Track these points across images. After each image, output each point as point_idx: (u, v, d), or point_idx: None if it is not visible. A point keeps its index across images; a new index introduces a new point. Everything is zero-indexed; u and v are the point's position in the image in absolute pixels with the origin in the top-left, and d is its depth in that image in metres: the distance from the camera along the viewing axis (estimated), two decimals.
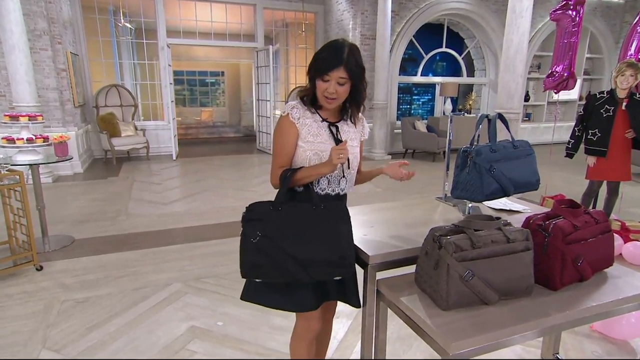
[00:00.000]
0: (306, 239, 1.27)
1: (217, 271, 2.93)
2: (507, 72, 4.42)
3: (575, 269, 1.31)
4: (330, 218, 1.30)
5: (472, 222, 1.26)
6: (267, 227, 1.28)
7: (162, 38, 7.57)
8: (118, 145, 6.90)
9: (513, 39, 4.31)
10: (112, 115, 7.12)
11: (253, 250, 1.28)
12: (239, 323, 2.28)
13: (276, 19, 8.78)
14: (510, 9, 4.30)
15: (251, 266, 1.29)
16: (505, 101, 4.48)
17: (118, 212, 4.31)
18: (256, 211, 1.31)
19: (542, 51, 9.18)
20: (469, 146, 1.71)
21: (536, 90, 9.54)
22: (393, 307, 1.37)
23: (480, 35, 8.77)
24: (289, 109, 1.40)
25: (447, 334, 1.11)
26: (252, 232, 1.28)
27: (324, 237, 1.27)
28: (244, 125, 13.08)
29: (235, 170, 6.65)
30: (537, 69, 9.39)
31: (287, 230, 1.27)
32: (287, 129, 1.40)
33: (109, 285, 2.71)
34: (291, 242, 1.26)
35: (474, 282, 1.20)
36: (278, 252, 1.26)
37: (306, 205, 1.32)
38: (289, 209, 1.31)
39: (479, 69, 9.32)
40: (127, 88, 7.73)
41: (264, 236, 1.27)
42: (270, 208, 1.30)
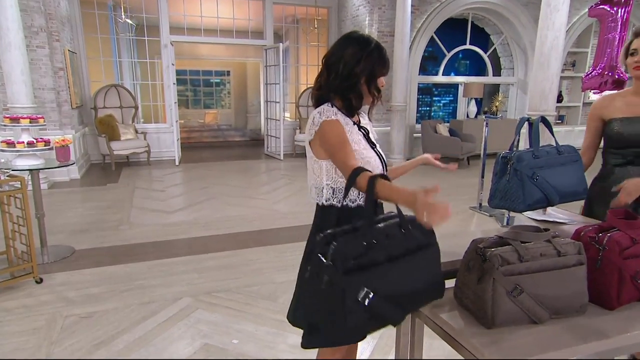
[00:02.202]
0: (408, 272, 1.15)
1: (229, 285, 2.95)
2: (541, 71, 4.41)
3: (635, 286, 1.30)
4: (421, 241, 1.19)
5: (520, 234, 1.27)
6: (377, 281, 1.08)
7: (165, 35, 7.72)
8: (117, 150, 7.01)
9: (548, 35, 4.31)
10: (111, 118, 7.25)
11: (360, 311, 1.06)
12: (255, 341, 2.29)
13: (286, 14, 8.89)
14: (544, 3, 4.31)
15: (354, 331, 1.11)
16: (538, 102, 4.47)
17: (120, 221, 4.37)
18: (351, 255, 1.07)
19: (577, 47, 9.14)
20: (508, 151, 1.72)
21: (570, 90, 9.48)
22: (430, 324, 1.37)
23: (508, 31, 8.77)
24: (332, 115, 1.36)
25: (497, 354, 1.11)
26: (356, 288, 1.05)
27: (422, 266, 1.19)
28: (251, 128, 13.21)
29: (243, 176, 6.71)
30: (571, 66, 9.33)
31: (394, 279, 1.11)
32: (341, 128, 1.35)
33: (114, 300, 2.75)
34: (397, 288, 1.12)
35: (523, 298, 1.20)
36: (388, 306, 1.10)
37: (396, 231, 1.16)
38: (385, 240, 1.13)
39: (506, 67, 9.30)
40: (127, 88, 7.87)
41: (375, 294, 1.07)
42: (364, 244, 1.10)
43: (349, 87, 1.37)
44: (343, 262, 1.05)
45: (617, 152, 1.87)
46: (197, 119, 14.45)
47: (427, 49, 8.50)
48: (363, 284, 1.06)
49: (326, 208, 1.45)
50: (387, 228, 1.16)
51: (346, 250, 1.07)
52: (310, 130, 1.40)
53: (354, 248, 1.09)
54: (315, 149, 1.43)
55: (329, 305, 1.08)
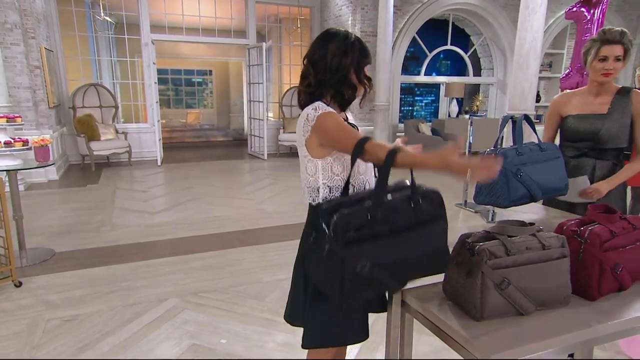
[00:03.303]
0: (411, 246, 1.17)
1: (215, 285, 2.93)
2: (520, 71, 4.52)
3: (615, 277, 1.35)
4: (430, 214, 1.21)
5: (506, 228, 1.30)
6: (377, 252, 1.12)
7: (145, 33, 7.60)
8: (97, 150, 6.87)
9: (526, 37, 4.42)
10: (91, 117, 7.10)
11: (357, 280, 1.11)
12: (243, 340, 2.28)
13: (269, 14, 8.86)
14: (523, 5, 4.41)
15: (352, 296, 1.15)
16: (518, 102, 4.57)
17: (101, 222, 4.29)
18: (353, 227, 1.10)
19: (553, 49, 9.38)
20: (493, 149, 1.76)
21: (547, 91, 9.73)
22: (420, 318, 1.39)
23: (487, 32, 8.94)
24: (329, 109, 1.36)
25: (486, 345, 1.13)
26: (355, 259, 1.09)
27: (429, 240, 1.21)
28: (234, 128, 13.11)
29: (226, 176, 6.66)
30: (548, 67, 9.57)
31: (395, 251, 1.14)
32: (338, 117, 1.35)
33: (97, 302, 2.70)
34: (397, 259, 1.16)
35: (510, 291, 1.23)
36: (384, 277, 1.15)
37: (406, 204, 1.17)
38: (390, 214, 1.14)
39: (486, 68, 9.48)
40: (106, 87, 7.72)
41: (373, 265, 1.11)
42: (369, 218, 1.12)
43: (341, 80, 1.38)
44: (344, 233, 1.09)
45: (572, 146, 2.04)
46: (179, 118, 14.26)
47: (409, 49, 8.60)
48: (362, 254, 1.10)
49: None
50: (396, 201, 1.17)
51: (348, 222, 1.10)
52: (305, 127, 1.38)
53: (357, 220, 1.11)
54: (311, 147, 1.40)
55: (329, 273, 1.13)
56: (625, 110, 1.92)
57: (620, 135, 1.92)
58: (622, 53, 1.88)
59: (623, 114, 1.92)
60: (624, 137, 1.93)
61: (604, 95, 1.98)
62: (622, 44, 1.86)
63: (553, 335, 1.19)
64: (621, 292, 1.41)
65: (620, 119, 1.92)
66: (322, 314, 1.38)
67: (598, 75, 1.92)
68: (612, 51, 1.87)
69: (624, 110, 1.92)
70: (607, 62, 1.89)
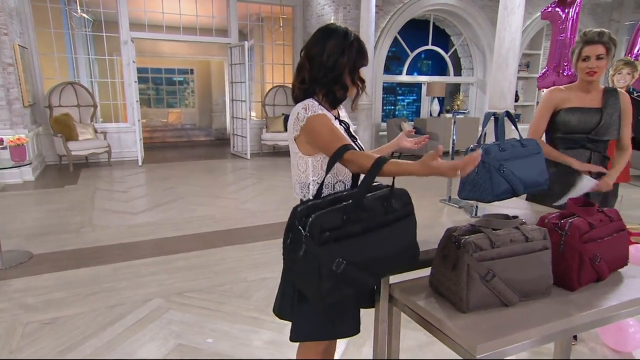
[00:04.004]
0: (383, 243, 1.21)
1: (200, 285, 2.90)
2: (499, 71, 4.61)
3: (593, 268, 1.40)
4: (401, 217, 1.25)
5: (491, 221, 1.33)
6: (352, 251, 1.15)
7: (124, 31, 7.45)
8: (75, 150, 6.71)
9: (505, 37, 4.51)
10: (68, 117, 6.92)
11: (334, 279, 1.14)
12: (230, 339, 2.27)
13: (251, 12, 8.81)
14: (502, 5, 4.51)
15: (331, 293, 1.17)
16: (498, 101, 4.67)
17: (81, 223, 4.19)
18: (328, 227, 1.12)
19: (530, 49, 9.60)
20: (476, 145, 1.80)
21: (525, 90, 9.95)
22: (408, 311, 1.41)
23: (467, 33, 9.09)
24: (318, 110, 1.36)
25: (472, 336, 1.16)
26: (330, 258, 1.12)
27: (400, 237, 1.24)
28: (216, 127, 12.99)
29: (209, 176, 6.59)
30: (525, 67, 9.80)
31: (368, 249, 1.18)
32: (328, 120, 1.35)
33: (79, 304, 2.64)
34: (371, 256, 1.19)
35: (495, 282, 1.26)
36: (360, 274, 1.18)
37: (378, 204, 1.21)
38: (363, 214, 1.18)
39: (466, 67, 9.64)
40: (84, 86, 7.54)
41: (352, 265, 1.14)
42: (344, 218, 1.15)
43: (334, 79, 1.37)
44: (320, 234, 1.11)
45: (568, 137, 2.15)
46: (160, 118, 14.05)
47: (391, 49, 8.68)
48: (337, 254, 1.13)
49: None
50: (368, 201, 1.20)
51: (323, 223, 1.12)
52: (295, 125, 1.38)
53: (331, 220, 1.14)
54: (300, 145, 1.41)
55: (306, 273, 1.15)
56: (616, 106, 2.08)
57: (614, 127, 2.08)
58: (603, 52, 2.01)
59: (614, 109, 2.08)
60: (616, 129, 2.09)
61: (594, 93, 2.12)
62: (602, 43, 1.98)
63: (536, 325, 1.23)
64: (599, 282, 1.46)
65: (613, 113, 2.08)
66: (311, 307, 1.38)
67: (584, 75, 2.07)
68: (593, 51, 2.01)
69: (614, 106, 2.08)
70: (590, 62, 2.03)
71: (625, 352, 2.21)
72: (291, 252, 1.18)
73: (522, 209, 2.04)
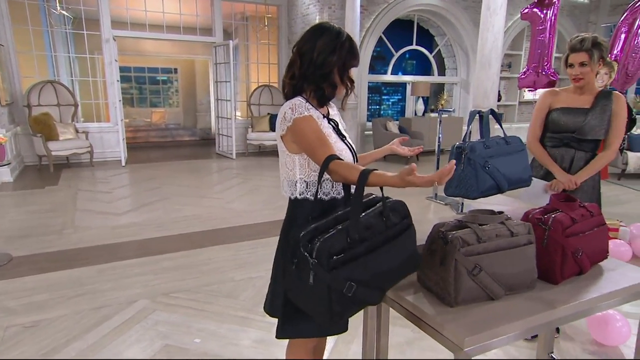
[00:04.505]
0: (387, 258, 1.22)
1: (187, 285, 2.88)
2: (483, 71, 4.69)
3: (575, 262, 1.44)
4: (400, 226, 1.27)
5: (477, 217, 1.35)
6: (358, 271, 1.15)
7: (106, 29, 7.32)
8: (56, 150, 6.57)
9: (488, 37, 4.59)
10: (48, 116, 6.77)
11: (344, 301, 1.15)
12: (218, 339, 2.26)
13: (235, 11, 8.75)
14: (484, 6, 4.58)
15: (341, 315, 1.19)
16: (481, 100, 4.74)
17: (63, 225, 4.11)
18: (335, 252, 1.13)
19: (512, 50, 9.77)
20: (462, 142, 1.82)
21: (507, 90, 10.13)
22: (396, 307, 1.43)
23: (451, 33, 9.21)
24: (305, 111, 1.36)
25: (460, 329, 1.18)
26: (341, 283, 1.12)
27: (402, 249, 1.26)
28: (201, 127, 12.86)
29: (195, 176, 6.53)
30: (507, 68, 9.97)
31: (374, 266, 1.19)
32: (315, 124, 1.36)
33: (62, 307, 2.59)
34: (377, 273, 1.20)
35: (482, 277, 1.29)
36: (367, 291, 1.19)
37: (377, 220, 1.22)
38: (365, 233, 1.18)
39: (450, 67, 9.76)
40: (64, 85, 7.39)
41: (359, 284, 1.15)
42: (348, 240, 1.15)
43: (323, 77, 1.38)
44: (328, 259, 1.11)
45: (555, 137, 2.24)
46: (144, 117, 13.83)
47: (376, 49, 8.72)
48: (347, 278, 1.13)
49: (299, 201, 1.45)
50: (368, 218, 1.21)
51: (330, 248, 1.12)
52: (281, 125, 1.39)
53: (337, 244, 1.14)
54: (287, 144, 1.41)
55: (315, 298, 1.15)
56: (607, 107, 2.13)
57: (600, 128, 2.13)
58: (586, 59, 2.08)
59: (604, 111, 2.13)
60: (603, 130, 2.14)
61: (587, 94, 2.19)
62: (584, 50, 2.03)
63: (521, 318, 1.26)
64: (581, 275, 1.50)
65: (602, 114, 2.13)
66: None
67: (571, 81, 2.17)
68: (575, 59, 2.10)
69: (605, 108, 2.13)
70: (574, 69, 2.11)
71: (612, 346, 2.27)
72: (297, 277, 1.18)
73: (507, 205, 2.08)
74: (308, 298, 1.18)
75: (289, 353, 1.57)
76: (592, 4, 9.92)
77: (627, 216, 4.43)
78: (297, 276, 1.17)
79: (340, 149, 1.42)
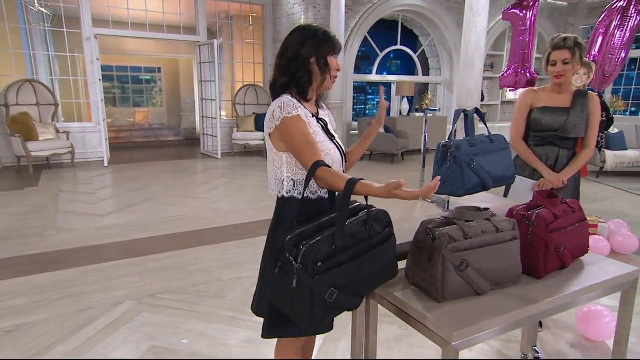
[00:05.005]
0: (369, 266, 1.26)
1: (174, 286, 2.85)
2: (467, 71, 4.76)
3: (558, 256, 1.48)
4: (383, 235, 1.30)
5: (463, 214, 1.38)
6: (340, 278, 1.18)
7: (87, 27, 7.19)
8: (35, 151, 6.42)
9: (471, 38, 4.66)
10: (27, 116, 6.62)
11: (325, 306, 1.18)
12: (206, 339, 2.24)
13: (220, 10, 8.69)
14: (467, 7, 4.65)
15: (322, 319, 1.22)
16: (465, 100, 4.81)
17: (44, 227, 4.02)
18: (320, 258, 1.15)
19: (494, 50, 9.93)
20: (447, 141, 1.85)
21: (490, 90, 10.29)
22: (385, 303, 1.45)
23: (434, 33, 9.31)
24: (294, 111, 1.36)
25: (448, 324, 1.20)
26: (324, 288, 1.15)
27: (383, 257, 1.29)
28: (185, 127, 12.74)
29: (180, 176, 6.47)
30: (490, 68, 10.13)
31: (356, 273, 1.22)
32: (304, 125, 1.36)
33: (44, 310, 2.54)
34: (358, 280, 1.24)
35: (469, 272, 1.31)
36: (348, 297, 1.23)
37: (361, 228, 1.25)
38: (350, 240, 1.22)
39: (434, 67, 9.87)
40: (44, 84, 7.23)
41: (341, 290, 1.18)
42: (333, 247, 1.18)
43: (297, 68, 1.41)
44: (313, 265, 1.14)
45: (538, 135, 2.30)
46: (127, 117, 13.63)
47: (361, 49, 8.76)
48: (329, 284, 1.16)
49: (287, 200, 1.45)
50: (352, 226, 1.24)
51: (315, 254, 1.15)
52: (270, 123, 1.40)
53: (323, 251, 1.17)
54: (275, 142, 1.42)
55: (297, 302, 1.18)
56: (585, 107, 2.22)
57: (581, 126, 2.21)
58: (569, 57, 2.15)
59: (583, 110, 2.21)
60: (584, 128, 2.22)
61: (565, 93, 2.26)
62: (567, 48, 2.10)
63: (506, 312, 1.29)
64: (563, 269, 1.54)
65: (581, 113, 2.21)
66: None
67: (553, 78, 2.22)
68: (559, 56, 2.16)
69: (584, 107, 2.22)
70: (557, 66, 2.18)
71: (599, 341, 2.33)
72: (280, 281, 1.20)
73: (492, 202, 2.12)
74: (290, 302, 1.21)
75: (278, 353, 1.57)
76: (571, 6, 10.15)
77: (605, 213, 4.56)
78: (281, 280, 1.19)
79: (328, 148, 1.42)
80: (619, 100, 8.82)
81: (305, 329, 1.35)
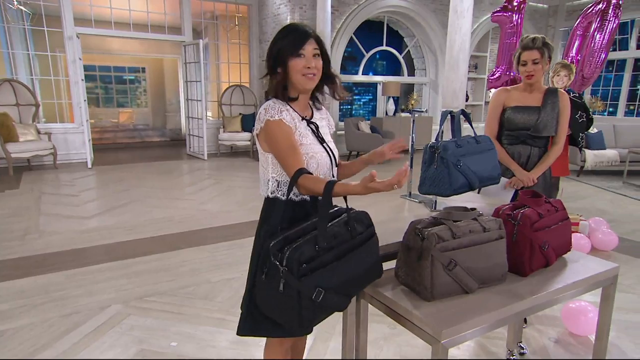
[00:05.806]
0: (353, 265, 1.28)
1: (162, 288, 2.82)
2: (452, 71, 4.82)
3: (542, 254, 1.52)
4: (365, 239, 1.33)
5: (451, 214, 1.41)
6: (326, 278, 1.21)
7: (69, 26, 7.06)
8: (16, 152, 6.28)
9: (456, 39, 4.72)
10: (6, 116, 6.47)
11: (313, 307, 1.20)
12: (195, 341, 2.23)
13: (205, 10, 8.62)
14: (452, 9, 4.71)
15: (311, 321, 1.24)
16: (450, 100, 4.88)
17: (26, 230, 3.94)
18: (304, 260, 1.18)
19: (478, 52, 10.08)
20: (435, 142, 1.88)
21: (474, 91, 10.44)
22: (375, 303, 1.47)
23: (419, 35, 9.40)
24: (277, 115, 1.36)
25: (437, 322, 1.23)
26: (310, 289, 1.17)
27: (366, 257, 1.32)
28: (171, 128, 12.59)
29: (165, 177, 6.40)
30: (474, 69, 10.27)
31: (341, 273, 1.25)
32: (287, 129, 1.36)
33: (28, 315, 2.49)
34: (343, 280, 1.26)
35: (457, 271, 1.34)
36: (336, 297, 1.25)
37: (342, 229, 1.28)
38: (333, 241, 1.25)
39: (419, 68, 9.96)
40: (24, 84, 7.07)
41: (327, 290, 1.20)
42: (317, 248, 1.21)
43: (270, 69, 1.42)
44: (298, 267, 1.16)
45: (511, 134, 2.35)
46: (110, 118, 13.40)
47: (347, 49, 8.80)
48: (315, 284, 1.18)
49: (271, 200, 1.46)
50: (334, 227, 1.27)
51: (300, 256, 1.17)
52: (257, 124, 1.42)
53: (307, 252, 1.19)
54: (261, 142, 1.44)
55: (285, 305, 1.20)
56: (555, 105, 2.27)
57: (552, 125, 2.26)
58: (538, 56, 2.21)
59: (553, 108, 2.27)
60: (554, 127, 2.28)
61: (536, 92, 2.31)
62: (536, 48, 2.16)
63: (493, 309, 1.32)
64: (547, 267, 1.58)
65: (552, 112, 2.27)
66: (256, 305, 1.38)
67: (524, 77, 2.28)
68: (529, 56, 2.22)
69: (554, 105, 2.27)
70: (527, 66, 2.24)
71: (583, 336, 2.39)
72: (267, 286, 1.22)
73: (478, 202, 2.16)
74: (278, 306, 1.23)
75: (267, 353, 1.58)
76: (551, 9, 10.36)
77: (586, 210, 4.68)
78: (268, 285, 1.21)
79: (314, 151, 1.42)
80: (598, 101, 9.04)
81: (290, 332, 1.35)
